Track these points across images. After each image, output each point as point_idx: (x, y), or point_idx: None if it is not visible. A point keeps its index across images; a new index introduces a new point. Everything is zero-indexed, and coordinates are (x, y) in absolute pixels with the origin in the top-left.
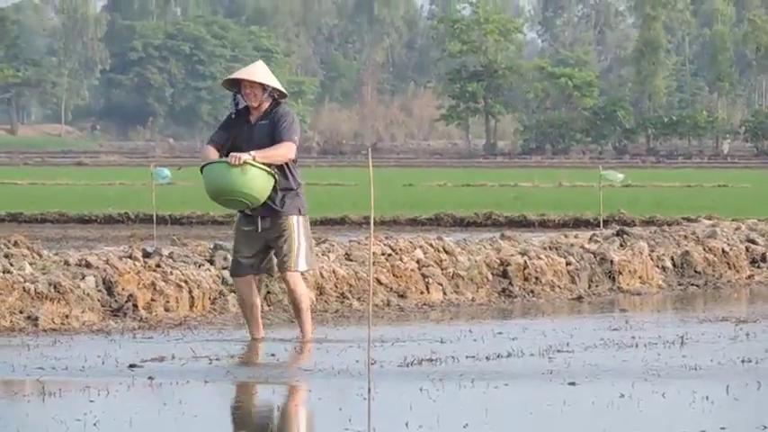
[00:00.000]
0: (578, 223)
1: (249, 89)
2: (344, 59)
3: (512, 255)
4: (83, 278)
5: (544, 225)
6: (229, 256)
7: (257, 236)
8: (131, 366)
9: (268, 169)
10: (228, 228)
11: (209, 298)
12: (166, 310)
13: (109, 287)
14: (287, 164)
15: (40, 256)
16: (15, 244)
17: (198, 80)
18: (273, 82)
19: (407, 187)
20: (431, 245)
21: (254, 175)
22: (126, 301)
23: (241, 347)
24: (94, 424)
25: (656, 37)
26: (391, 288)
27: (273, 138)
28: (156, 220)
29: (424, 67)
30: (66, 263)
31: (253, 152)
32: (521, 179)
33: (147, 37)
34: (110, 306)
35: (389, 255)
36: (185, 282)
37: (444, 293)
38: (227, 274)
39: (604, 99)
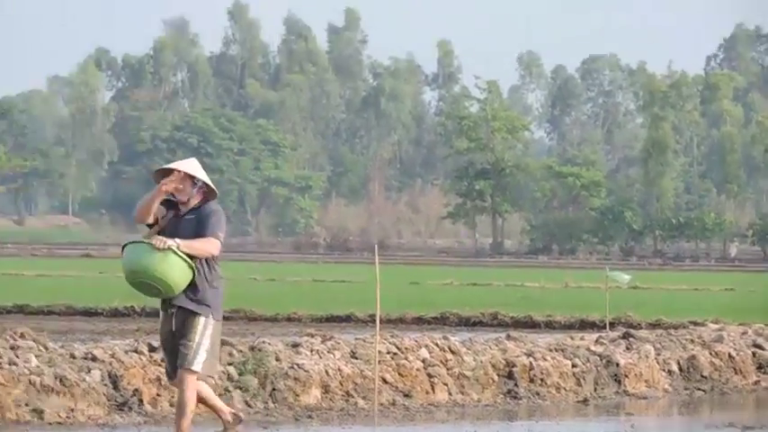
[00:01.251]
0: (584, 325)
1: (180, 182)
2: (352, 154)
3: (517, 356)
4: (89, 371)
5: (550, 326)
6: (234, 352)
7: (173, 335)
8: None
9: (189, 261)
10: (234, 323)
11: (215, 394)
12: (172, 405)
13: (114, 381)
14: (208, 260)
15: (46, 348)
16: (22, 336)
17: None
18: (203, 176)
19: (414, 285)
20: (436, 344)
21: (174, 263)
22: (131, 396)
23: None
24: None
25: (665, 137)
26: (397, 387)
27: (198, 232)
28: None
29: (432, 163)
30: (72, 356)
31: (178, 240)
32: (527, 279)
33: (155, 128)
34: (115, 400)
35: (395, 353)
36: None
37: (450, 393)
38: (232, 369)
39: (612, 199)
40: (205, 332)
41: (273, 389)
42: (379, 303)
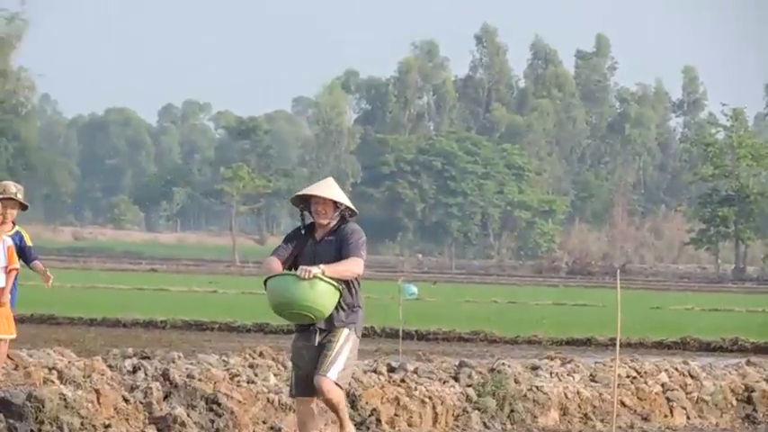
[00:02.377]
0: None
1: (321, 206)
2: (596, 180)
3: (757, 381)
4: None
5: None
6: (474, 373)
7: (314, 350)
8: None
9: (335, 284)
10: (474, 345)
11: (453, 414)
12: (409, 425)
13: (353, 401)
14: (352, 280)
15: (285, 367)
16: (260, 354)
17: (448, 196)
18: (345, 200)
19: (654, 310)
20: (676, 369)
21: (321, 290)
22: (369, 415)
23: None
24: None
25: None
26: (635, 411)
27: (340, 254)
28: (402, 334)
29: (676, 189)
30: None
31: (322, 266)
32: None
33: (400, 151)
34: (353, 419)
35: (634, 377)
36: (429, 398)
37: (688, 418)
38: (471, 391)
39: None
40: (346, 344)
41: (512, 410)
42: (620, 327)
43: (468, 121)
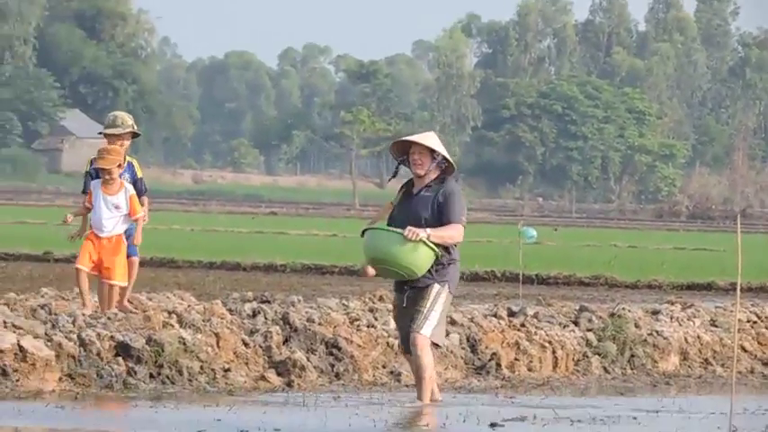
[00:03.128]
0: None
1: (418, 155)
2: (717, 124)
3: None
4: (447, 335)
5: None
6: (594, 318)
7: (406, 307)
8: (492, 425)
9: (436, 250)
10: (594, 290)
11: (573, 359)
12: (529, 369)
13: (473, 345)
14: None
15: None
16: (380, 299)
17: (569, 140)
18: (443, 150)
19: None
20: None
21: (423, 253)
22: (489, 359)
23: (586, 413)
24: None
25: None
26: (755, 356)
27: (440, 214)
28: (522, 279)
29: None
30: None
31: (429, 230)
32: None
33: (520, 95)
34: (473, 363)
35: (755, 322)
36: (549, 342)
37: None
38: (591, 336)
39: None
40: (438, 299)
41: (632, 355)
42: (741, 272)
43: (588, 65)
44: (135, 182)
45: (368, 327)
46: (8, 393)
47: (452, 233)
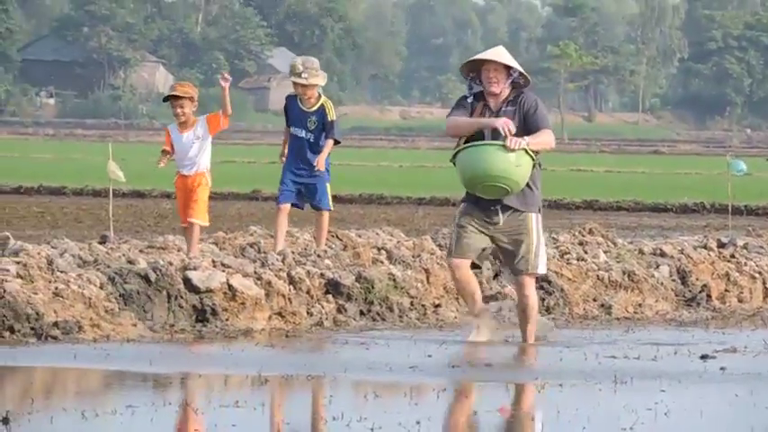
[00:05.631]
0: None
1: (493, 73)
2: None
3: None
4: (657, 267)
5: None
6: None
7: (493, 229)
8: (703, 357)
9: (535, 158)
10: None
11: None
12: (740, 300)
13: (683, 277)
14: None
15: (615, 244)
16: (590, 232)
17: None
18: (517, 66)
19: None
20: None
21: (524, 162)
22: (699, 291)
23: None
24: (665, 413)
25: None
26: None
27: (528, 125)
28: (731, 210)
29: None
30: (641, 251)
31: (527, 138)
32: None
33: (726, 27)
34: (683, 296)
35: None
36: (759, 273)
37: None
38: None
39: None
40: (539, 230)
41: None
42: None
43: None
44: (324, 125)
45: (578, 260)
46: (218, 333)
47: (547, 138)
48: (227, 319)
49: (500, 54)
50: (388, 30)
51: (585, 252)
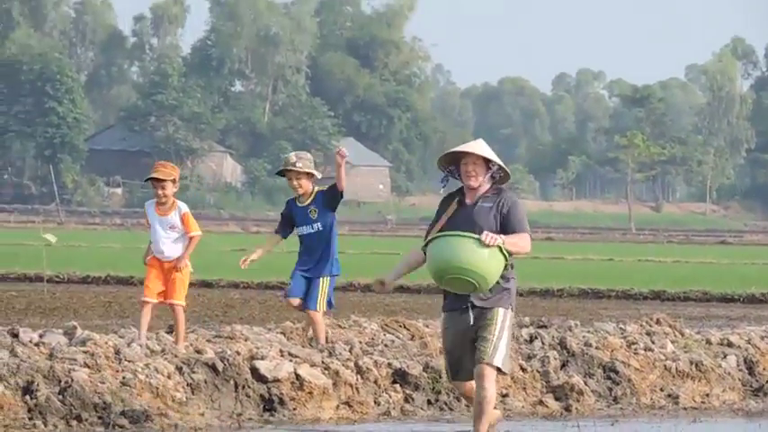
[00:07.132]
0: None
1: (471, 166)
2: None
3: None
4: (724, 357)
5: None
6: None
7: (468, 330)
8: None
9: (509, 258)
10: None
11: None
12: None
13: (750, 367)
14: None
15: (682, 334)
16: (658, 322)
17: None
18: (497, 159)
19: None
20: None
21: (499, 260)
22: (767, 382)
23: None
24: None
25: None
26: None
27: (505, 225)
28: None
29: None
30: (708, 341)
31: (503, 237)
32: None
33: None
34: (750, 386)
35: None
36: None
37: None
38: None
39: None
40: (505, 325)
41: None
42: None
43: None
44: (324, 201)
45: (645, 350)
46: (285, 422)
47: (523, 243)
48: (294, 409)
49: (480, 147)
50: (456, 119)
51: (653, 342)
